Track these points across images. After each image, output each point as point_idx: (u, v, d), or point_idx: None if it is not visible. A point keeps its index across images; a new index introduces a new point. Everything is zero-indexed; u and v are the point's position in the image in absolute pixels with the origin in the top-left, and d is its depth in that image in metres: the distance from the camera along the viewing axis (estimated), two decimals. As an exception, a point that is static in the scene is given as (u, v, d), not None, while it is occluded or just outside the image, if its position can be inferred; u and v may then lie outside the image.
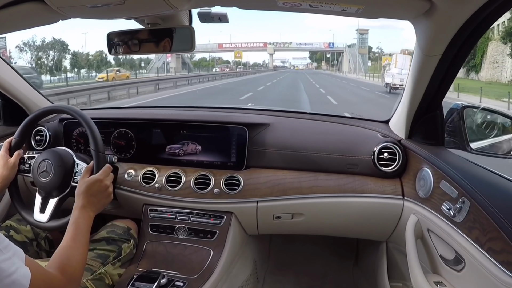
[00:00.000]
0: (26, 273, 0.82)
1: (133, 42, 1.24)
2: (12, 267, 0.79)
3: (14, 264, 0.80)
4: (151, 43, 1.23)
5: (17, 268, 0.80)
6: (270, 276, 2.05)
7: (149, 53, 1.25)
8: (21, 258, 0.83)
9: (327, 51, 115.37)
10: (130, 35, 1.24)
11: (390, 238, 1.55)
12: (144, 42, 1.23)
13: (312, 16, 40.13)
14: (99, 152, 1.33)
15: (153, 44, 1.23)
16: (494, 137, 1.39)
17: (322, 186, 1.50)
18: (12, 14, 1.05)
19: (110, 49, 1.27)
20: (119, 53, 1.27)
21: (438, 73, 1.18)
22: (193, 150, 1.61)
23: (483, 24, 0.99)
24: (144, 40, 1.23)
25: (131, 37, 1.24)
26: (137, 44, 1.24)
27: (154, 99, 14.99)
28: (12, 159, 1.41)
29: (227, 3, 1.10)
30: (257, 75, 51.92)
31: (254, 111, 1.85)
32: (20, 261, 0.82)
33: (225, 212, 1.54)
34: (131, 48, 1.24)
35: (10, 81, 1.74)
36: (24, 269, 0.82)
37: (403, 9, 1.00)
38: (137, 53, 1.25)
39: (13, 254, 0.81)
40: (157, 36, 1.23)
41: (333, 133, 1.64)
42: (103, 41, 1.39)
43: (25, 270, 0.82)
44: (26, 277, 0.81)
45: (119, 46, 1.25)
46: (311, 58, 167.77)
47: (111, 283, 1.32)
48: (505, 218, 0.85)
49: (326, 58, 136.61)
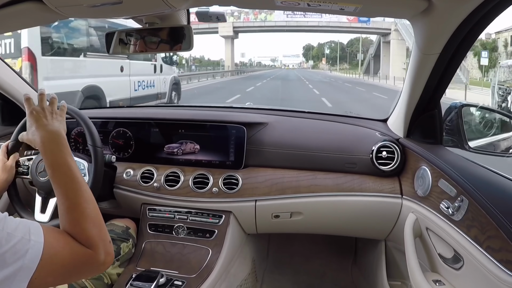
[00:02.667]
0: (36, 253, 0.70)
1: (131, 41, 1.23)
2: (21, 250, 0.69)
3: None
4: (149, 43, 1.23)
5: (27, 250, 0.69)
6: (269, 275, 2.05)
7: (147, 52, 1.25)
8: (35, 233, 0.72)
9: (354, 31, 63.15)
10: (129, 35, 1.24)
11: (388, 236, 1.56)
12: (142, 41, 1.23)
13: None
14: (96, 147, 1.33)
15: (151, 43, 1.23)
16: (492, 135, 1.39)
17: (321, 185, 1.50)
18: (10, 14, 1.05)
19: (108, 48, 1.27)
20: (117, 52, 1.27)
21: (436, 72, 1.18)
22: (192, 149, 1.61)
23: (481, 23, 0.99)
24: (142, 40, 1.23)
25: (130, 36, 1.24)
26: (135, 43, 1.23)
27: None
28: (9, 162, 1.41)
29: (225, 2, 1.10)
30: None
31: (252, 110, 1.84)
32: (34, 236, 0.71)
33: (223, 211, 1.54)
34: (129, 48, 1.24)
35: (8, 81, 1.74)
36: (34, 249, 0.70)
37: (401, 8, 1.00)
38: (135, 52, 1.25)
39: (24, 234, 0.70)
40: (155, 35, 1.22)
41: (332, 132, 1.64)
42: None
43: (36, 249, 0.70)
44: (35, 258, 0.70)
45: (118, 45, 1.25)
46: (305, 56, 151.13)
47: (110, 282, 1.32)
48: (503, 217, 0.85)
49: (334, 54, 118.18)
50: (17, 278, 0.66)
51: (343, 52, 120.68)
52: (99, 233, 0.84)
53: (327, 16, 50.37)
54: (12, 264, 0.66)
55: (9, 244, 0.66)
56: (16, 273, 0.66)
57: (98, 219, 0.87)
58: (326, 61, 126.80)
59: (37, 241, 0.70)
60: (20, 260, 0.67)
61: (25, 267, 0.67)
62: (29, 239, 0.69)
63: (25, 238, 0.69)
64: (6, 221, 0.69)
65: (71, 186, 0.88)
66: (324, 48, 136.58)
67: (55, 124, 1.00)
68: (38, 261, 0.69)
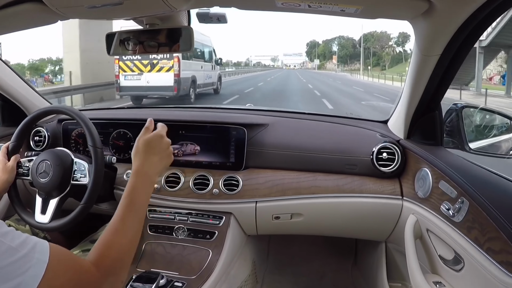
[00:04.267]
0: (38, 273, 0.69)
1: (132, 42, 1.24)
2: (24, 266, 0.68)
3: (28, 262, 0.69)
4: (150, 44, 1.23)
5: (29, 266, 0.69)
6: (269, 276, 2.05)
7: (148, 53, 1.25)
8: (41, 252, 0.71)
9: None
10: (129, 36, 1.24)
11: (389, 238, 1.55)
12: (142, 42, 1.23)
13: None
14: (96, 148, 1.33)
15: (151, 44, 1.23)
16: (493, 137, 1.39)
17: (321, 187, 1.50)
18: (10, 15, 1.05)
19: (109, 49, 1.27)
20: (118, 53, 1.27)
21: (437, 73, 1.19)
22: (192, 151, 1.61)
23: (481, 24, 0.99)
24: (143, 41, 1.23)
25: (130, 37, 1.24)
26: (136, 45, 1.23)
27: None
28: (9, 163, 1.40)
29: (225, 4, 1.10)
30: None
31: (252, 111, 1.85)
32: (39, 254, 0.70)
33: (224, 213, 1.54)
34: (130, 49, 1.24)
35: (8, 82, 1.74)
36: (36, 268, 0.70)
37: (402, 9, 1.00)
38: (136, 54, 1.25)
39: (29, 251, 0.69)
40: (155, 37, 1.23)
41: (332, 133, 1.64)
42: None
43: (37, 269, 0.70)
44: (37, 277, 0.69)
45: (118, 46, 1.25)
46: (309, 54, 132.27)
47: None
48: (504, 218, 0.85)
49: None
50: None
51: (354, 50, 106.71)
52: (116, 263, 0.86)
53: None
54: (12, 279, 0.65)
55: (12, 258, 0.65)
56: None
57: (127, 248, 0.89)
58: (337, 59, 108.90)
59: (41, 259, 0.69)
60: (20, 276, 0.65)
61: (24, 283, 0.66)
62: (33, 256, 0.68)
63: (30, 255, 0.67)
64: (14, 235, 0.68)
65: (134, 216, 0.93)
66: (331, 45, 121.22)
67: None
68: (39, 280, 0.68)
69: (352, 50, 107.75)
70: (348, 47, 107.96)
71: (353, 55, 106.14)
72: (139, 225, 0.94)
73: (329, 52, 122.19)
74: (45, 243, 0.72)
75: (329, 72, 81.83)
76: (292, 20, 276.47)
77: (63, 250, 0.78)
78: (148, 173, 1.01)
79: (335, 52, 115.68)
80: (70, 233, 1.66)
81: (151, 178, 1.01)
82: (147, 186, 1.00)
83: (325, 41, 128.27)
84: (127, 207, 0.94)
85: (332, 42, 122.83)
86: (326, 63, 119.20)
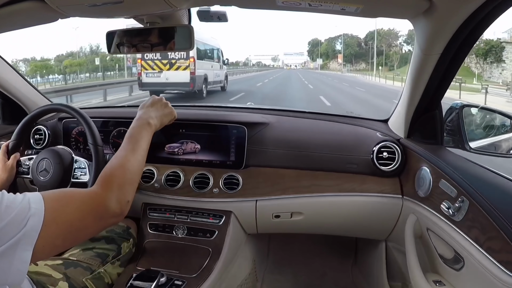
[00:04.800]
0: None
1: (133, 41, 1.24)
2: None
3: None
4: (151, 42, 1.23)
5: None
6: (269, 275, 2.05)
7: (148, 52, 1.26)
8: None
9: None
10: (130, 34, 1.24)
11: (389, 237, 1.56)
12: (143, 41, 1.23)
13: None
14: (97, 146, 1.33)
15: (152, 43, 1.23)
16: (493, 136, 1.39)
17: (321, 185, 1.50)
18: (11, 13, 1.05)
19: (109, 47, 1.27)
20: (118, 52, 1.27)
21: (437, 72, 1.18)
22: (192, 149, 1.61)
23: (482, 23, 0.99)
24: (143, 39, 1.23)
25: (131, 36, 1.24)
26: (136, 43, 1.24)
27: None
28: (9, 162, 1.41)
29: (226, 2, 1.10)
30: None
31: (253, 110, 1.84)
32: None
33: (224, 211, 1.54)
34: (130, 47, 1.24)
35: (9, 80, 1.74)
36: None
37: (402, 8, 1.00)
38: (137, 52, 1.25)
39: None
40: (156, 35, 1.23)
41: (332, 132, 1.64)
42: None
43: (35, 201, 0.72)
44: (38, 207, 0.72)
45: (119, 45, 1.25)
46: (311, 53, 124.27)
47: (111, 282, 1.32)
48: (504, 217, 0.85)
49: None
50: (19, 247, 0.67)
51: (360, 49, 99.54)
52: (121, 183, 0.91)
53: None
54: (14, 235, 0.66)
55: (9, 217, 0.66)
56: (18, 242, 0.66)
57: (129, 176, 0.97)
58: (342, 59, 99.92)
59: (38, 208, 0.71)
60: (22, 229, 0.67)
61: (26, 235, 0.67)
62: (29, 207, 0.70)
63: (25, 208, 0.69)
64: (3, 196, 0.69)
65: (132, 146, 1.05)
66: (335, 43, 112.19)
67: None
68: (40, 227, 0.69)
69: (357, 49, 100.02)
70: (353, 46, 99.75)
71: (358, 54, 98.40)
72: (138, 155, 1.04)
73: (332, 51, 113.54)
74: (37, 194, 0.74)
75: (333, 73, 73.66)
76: (294, 18, 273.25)
77: (58, 190, 0.82)
78: (145, 119, 1.15)
79: (339, 51, 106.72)
80: None
81: (148, 122, 1.15)
82: (144, 127, 1.13)
83: (328, 39, 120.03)
84: (126, 141, 1.07)
85: (336, 41, 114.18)
86: (329, 63, 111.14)
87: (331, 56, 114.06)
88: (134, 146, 1.05)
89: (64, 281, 1.15)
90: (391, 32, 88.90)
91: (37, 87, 1.96)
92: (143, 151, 1.06)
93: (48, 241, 0.71)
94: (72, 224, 0.77)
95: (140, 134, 1.09)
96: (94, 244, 1.37)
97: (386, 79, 36.55)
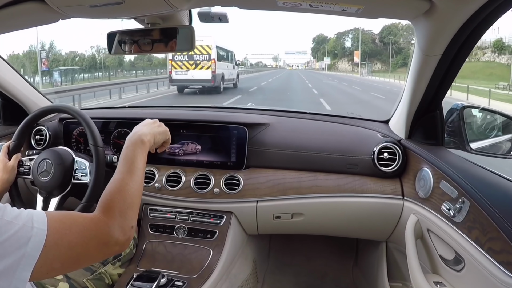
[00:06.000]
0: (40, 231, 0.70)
1: (134, 41, 1.24)
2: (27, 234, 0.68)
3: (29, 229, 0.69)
4: (152, 43, 1.23)
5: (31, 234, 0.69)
6: (270, 275, 2.05)
7: (149, 52, 1.25)
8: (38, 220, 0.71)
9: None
10: (131, 35, 1.24)
11: (390, 238, 1.55)
12: (144, 41, 1.23)
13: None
14: (97, 147, 1.33)
15: (153, 43, 1.23)
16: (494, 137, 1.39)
17: (322, 186, 1.50)
18: (12, 14, 1.05)
19: (110, 48, 1.27)
20: (119, 52, 1.27)
21: (438, 73, 1.18)
22: (193, 150, 1.61)
23: (483, 24, 0.99)
24: (144, 40, 1.23)
25: (132, 36, 1.24)
26: (137, 44, 1.24)
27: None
28: (10, 162, 1.41)
29: (227, 3, 1.10)
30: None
31: (254, 111, 1.84)
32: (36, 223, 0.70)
33: (225, 212, 1.54)
34: (131, 48, 1.24)
35: (9, 81, 1.74)
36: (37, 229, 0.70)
37: (403, 9, 1.00)
38: (137, 53, 1.25)
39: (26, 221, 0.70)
40: (157, 36, 1.23)
41: (333, 133, 1.64)
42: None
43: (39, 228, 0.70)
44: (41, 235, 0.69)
45: (120, 45, 1.26)
46: (316, 52, 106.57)
47: (111, 282, 1.32)
48: (504, 218, 0.85)
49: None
50: (20, 267, 0.65)
51: (375, 46, 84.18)
52: (123, 209, 0.88)
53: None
54: (13, 253, 0.64)
55: (9, 232, 0.65)
56: (19, 262, 0.65)
57: (130, 201, 0.92)
58: (360, 56, 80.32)
59: (40, 228, 0.69)
60: (22, 248, 0.65)
61: (27, 255, 0.66)
62: (32, 226, 0.68)
63: (27, 226, 0.67)
64: (6, 210, 0.67)
65: (128, 167, 1.00)
66: (344, 39, 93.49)
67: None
68: (41, 248, 0.68)
69: (372, 46, 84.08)
70: (367, 43, 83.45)
71: (372, 52, 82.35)
72: (134, 177, 0.99)
73: (342, 48, 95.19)
74: (41, 212, 0.72)
75: (348, 76, 56.52)
76: (295, 14, 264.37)
77: (62, 211, 0.79)
78: (138, 139, 1.09)
79: (349, 49, 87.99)
80: None
81: (142, 140, 1.09)
82: (138, 147, 1.07)
83: (336, 34, 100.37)
84: (120, 163, 1.02)
85: (346, 36, 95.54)
86: (338, 62, 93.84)
87: (340, 55, 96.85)
88: (131, 168, 1.01)
89: (64, 282, 1.15)
90: (410, 26, 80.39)
91: (91, 82, 1.96)
92: (140, 171, 1.02)
93: (46, 263, 0.69)
94: (73, 249, 0.75)
95: (134, 154, 1.05)
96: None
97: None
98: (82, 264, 0.83)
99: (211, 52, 16.89)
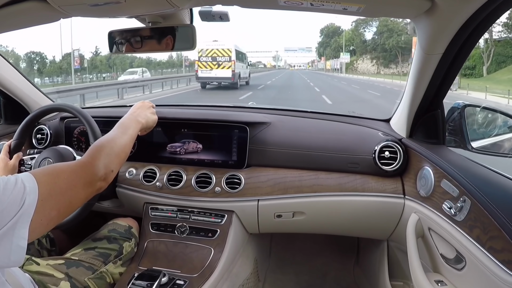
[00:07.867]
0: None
1: (135, 40, 1.24)
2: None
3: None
4: (153, 42, 1.23)
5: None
6: (271, 274, 2.05)
7: (151, 51, 1.25)
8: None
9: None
10: (132, 34, 1.24)
11: (391, 237, 1.55)
12: (145, 40, 1.23)
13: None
14: None
15: (154, 42, 1.23)
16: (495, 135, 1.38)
17: (323, 185, 1.50)
18: (13, 13, 1.05)
19: (111, 47, 1.27)
20: (120, 51, 1.27)
21: (439, 72, 1.18)
22: (194, 149, 1.62)
23: (484, 23, 0.99)
24: (146, 39, 1.23)
25: (133, 35, 1.24)
26: (138, 43, 1.24)
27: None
28: (11, 162, 1.41)
29: (228, 2, 1.10)
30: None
31: (255, 109, 1.84)
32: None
33: (226, 211, 1.54)
34: (132, 47, 1.24)
35: (11, 80, 1.74)
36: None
37: (404, 8, 1.00)
38: (139, 52, 1.25)
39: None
40: (158, 35, 1.23)
41: (334, 131, 1.64)
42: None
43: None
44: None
45: (121, 44, 1.26)
46: (323, 47, 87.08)
47: (112, 281, 1.32)
48: (506, 217, 0.85)
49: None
50: (18, 225, 0.71)
51: (409, 39, 55.68)
52: (110, 153, 1.01)
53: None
54: (13, 216, 0.70)
55: (7, 199, 0.70)
56: (16, 221, 0.70)
57: (117, 150, 1.05)
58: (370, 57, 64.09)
59: (31, 186, 0.75)
60: (20, 209, 0.71)
61: (24, 213, 0.71)
62: (24, 186, 0.73)
63: (20, 188, 0.73)
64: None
65: (122, 130, 1.17)
66: (364, 30, 70.47)
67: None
68: (35, 203, 0.74)
69: (407, 38, 57.64)
70: (401, 34, 59.45)
71: (406, 48, 57.89)
72: (128, 143, 1.14)
73: (362, 42, 70.25)
74: (27, 173, 0.78)
75: (377, 81, 38.16)
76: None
77: (46, 166, 0.91)
78: (134, 116, 1.29)
79: (371, 44, 64.40)
80: (72, 231, 1.67)
81: (137, 119, 1.28)
82: (132, 121, 1.25)
83: (355, 22, 73.88)
84: (118, 129, 1.16)
85: (368, 25, 69.43)
86: (357, 61, 69.96)
87: (360, 51, 72.17)
88: (124, 131, 1.15)
89: (66, 281, 1.16)
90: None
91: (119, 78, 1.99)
92: (130, 137, 1.16)
93: (44, 214, 0.76)
94: (64, 194, 0.82)
95: (129, 124, 1.20)
96: (96, 243, 1.37)
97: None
98: (74, 206, 0.90)
99: (231, 55, 21.22)
